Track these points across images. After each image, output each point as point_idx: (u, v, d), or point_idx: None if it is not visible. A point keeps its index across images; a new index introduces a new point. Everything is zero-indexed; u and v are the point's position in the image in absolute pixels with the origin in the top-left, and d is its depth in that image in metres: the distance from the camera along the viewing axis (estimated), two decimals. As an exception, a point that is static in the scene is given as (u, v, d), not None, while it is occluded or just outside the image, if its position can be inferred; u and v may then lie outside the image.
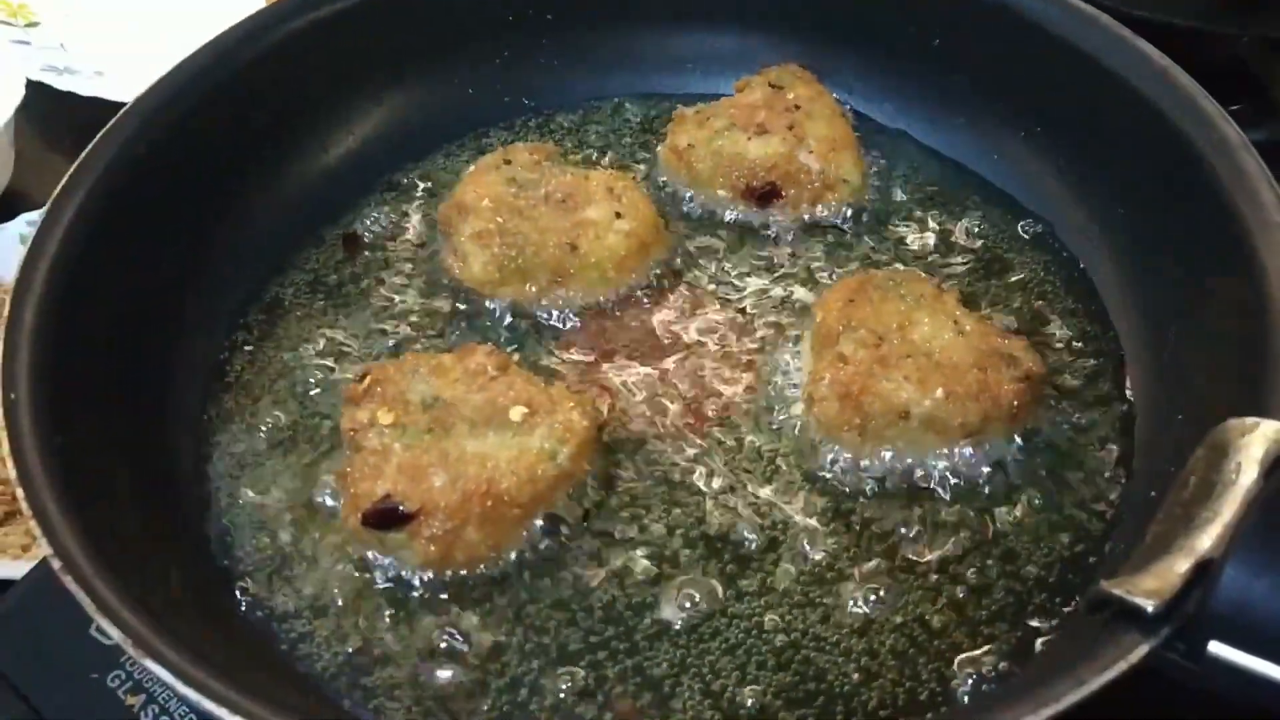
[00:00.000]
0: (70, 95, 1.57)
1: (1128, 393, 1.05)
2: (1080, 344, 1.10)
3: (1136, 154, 1.10)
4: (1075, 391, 1.06)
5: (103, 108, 1.35)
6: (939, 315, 1.03)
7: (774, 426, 1.04)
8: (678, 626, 0.92)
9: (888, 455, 0.99)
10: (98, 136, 1.07)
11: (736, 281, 1.16)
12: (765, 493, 1.00)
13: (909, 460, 0.99)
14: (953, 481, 0.99)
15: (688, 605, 0.93)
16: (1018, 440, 1.00)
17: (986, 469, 0.99)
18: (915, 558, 0.95)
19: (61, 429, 0.90)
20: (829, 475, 1.00)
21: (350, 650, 0.92)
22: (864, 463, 1.00)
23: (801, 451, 1.02)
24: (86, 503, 0.86)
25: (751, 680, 0.89)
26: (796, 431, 1.03)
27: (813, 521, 0.98)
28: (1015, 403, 0.98)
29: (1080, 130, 1.17)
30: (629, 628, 0.92)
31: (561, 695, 0.89)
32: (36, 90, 1.54)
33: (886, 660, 0.90)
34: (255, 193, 1.20)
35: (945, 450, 0.98)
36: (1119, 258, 1.12)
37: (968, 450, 0.99)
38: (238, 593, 0.95)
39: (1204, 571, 0.70)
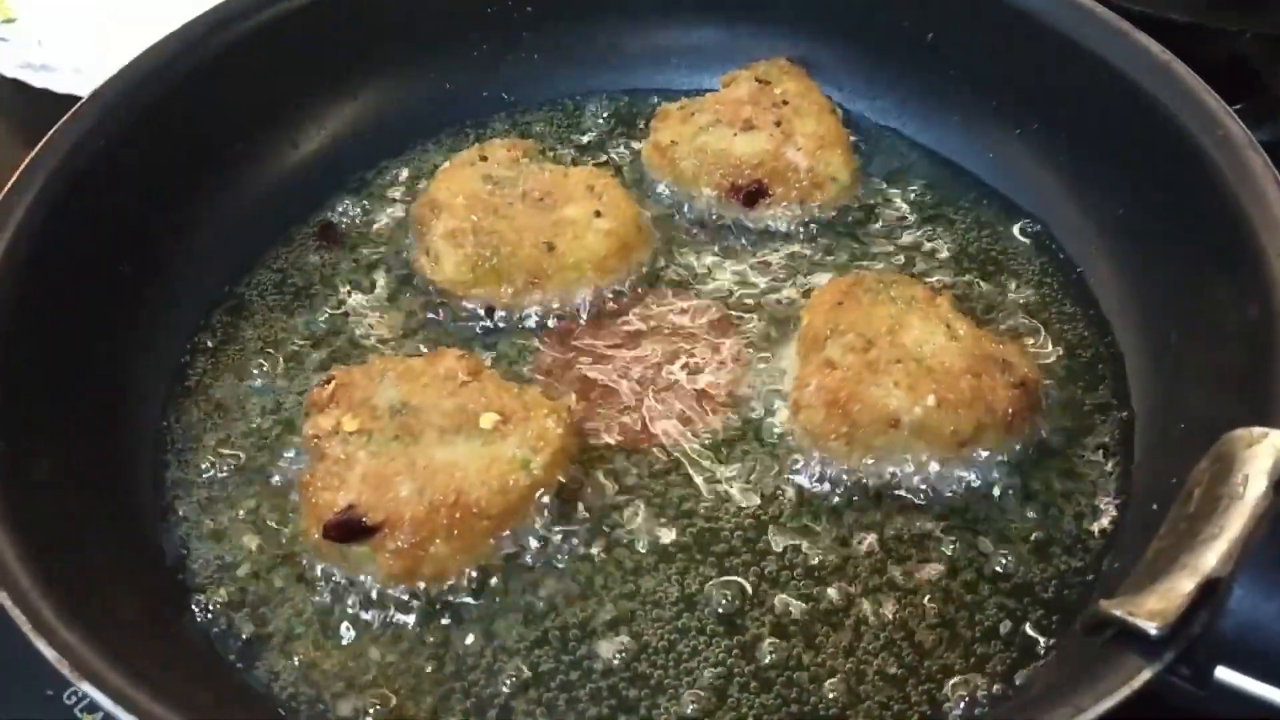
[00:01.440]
0: (46, 93, 1.53)
1: (1128, 400, 1.01)
2: (1077, 349, 1.06)
3: (1137, 151, 1.06)
4: (1072, 399, 1.02)
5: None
6: (931, 319, 0.99)
7: (758, 434, 1.00)
8: (655, 645, 0.88)
9: (876, 465, 0.95)
10: (53, 129, 1.03)
11: (720, 283, 1.12)
12: (747, 504, 0.95)
13: (899, 470, 0.95)
14: (944, 493, 0.95)
15: (665, 623, 0.89)
16: (1013, 449, 0.96)
17: (980, 480, 0.95)
18: (905, 573, 0.91)
19: (3, 435, 0.85)
20: (815, 486, 0.96)
21: (308, 669, 0.87)
22: (852, 473, 0.95)
23: (786, 461, 0.98)
24: (30, 514, 0.82)
25: (732, 703, 0.85)
26: (781, 440, 0.99)
27: (796, 535, 0.93)
28: (1010, 410, 0.94)
29: (1078, 127, 1.13)
30: (603, 647, 0.88)
31: (532, 718, 0.84)
32: (13, 88, 1.50)
33: (874, 682, 0.85)
34: (222, 190, 1.16)
35: (937, 460, 0.94)
36: (1118, 259, 1.08)
37: (960, 460, 0.94)
38: (194, 607, 0.91)
39: (1210, 591, 0.66)
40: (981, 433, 0.93)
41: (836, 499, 0.95)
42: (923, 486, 0.95)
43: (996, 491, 0.95)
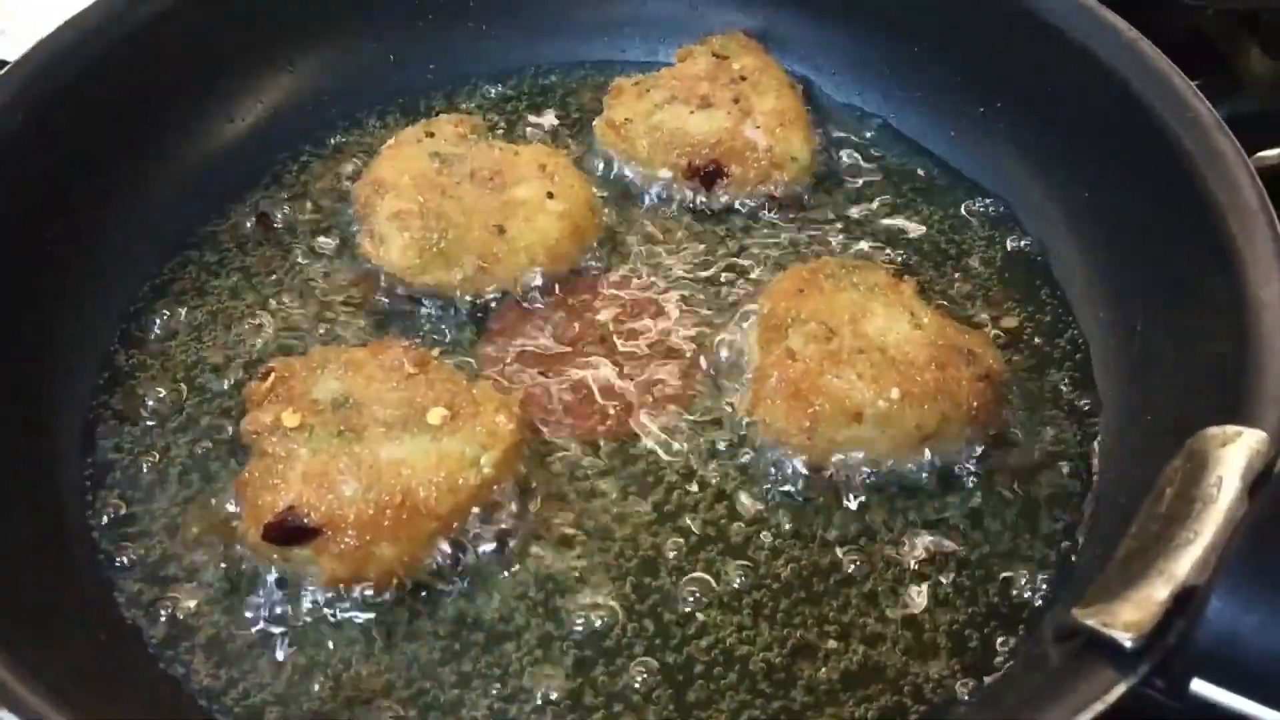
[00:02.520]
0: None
1: (1094, 390, 0.99)
2: (1042, 337, 1.03)
3: (1103, 132, 1.04)
4: (1037, 389, 1.00)
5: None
6: (894, 306, 0.96)
7: (716, 424, 0.97)
8: (618, 643, 0.85)
9: (838, 459, 0.92)
10: (-35, 104, 0.97)
11: (677, 268, 1.09)
12: (705, 496, 0.93)
13: (861, 464, 0.92)
14: (907, 488, 0.92)
15: (626, 621, 0.86)
16: (976, 443, 0.94)
17: (943, 475, 0.93)
18: (868, 572, 0.89)
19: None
20: (774, 483, 0.93)
21: (243, 672, 0.84)
22: (814, 466, 0.93)
23: (744, 456, 0.95)
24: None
25: (702, 700, 0.82)
26: (741, 431, 0.96)
27: (759, 531, 0.91)
28: (975, 403, 0.91)
29: (1043, 106, 1.10)
30: (553, 653, 0.85)
31: (483, 727, 0.82)
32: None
33: (835, 687, 0.83)
34: (153, 169, 1.11)
35: (900, 455, 0.92)
36: (1083, 243, 1.06)
37: (924, 455, 0.92)
38: (124, 611, 0.87)
39: (1186, 600, 0.64)
40: (945, 426, 0.91)
41: (799, 493, 0.92)
42: (886, 481, 0.92)
43: (960, 486, 0.93)
